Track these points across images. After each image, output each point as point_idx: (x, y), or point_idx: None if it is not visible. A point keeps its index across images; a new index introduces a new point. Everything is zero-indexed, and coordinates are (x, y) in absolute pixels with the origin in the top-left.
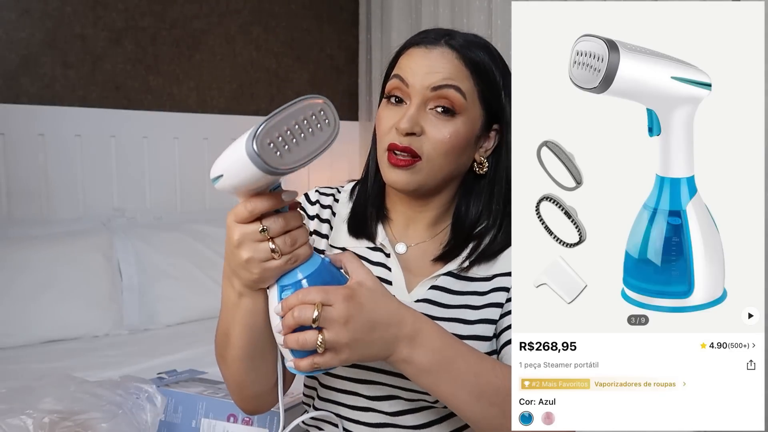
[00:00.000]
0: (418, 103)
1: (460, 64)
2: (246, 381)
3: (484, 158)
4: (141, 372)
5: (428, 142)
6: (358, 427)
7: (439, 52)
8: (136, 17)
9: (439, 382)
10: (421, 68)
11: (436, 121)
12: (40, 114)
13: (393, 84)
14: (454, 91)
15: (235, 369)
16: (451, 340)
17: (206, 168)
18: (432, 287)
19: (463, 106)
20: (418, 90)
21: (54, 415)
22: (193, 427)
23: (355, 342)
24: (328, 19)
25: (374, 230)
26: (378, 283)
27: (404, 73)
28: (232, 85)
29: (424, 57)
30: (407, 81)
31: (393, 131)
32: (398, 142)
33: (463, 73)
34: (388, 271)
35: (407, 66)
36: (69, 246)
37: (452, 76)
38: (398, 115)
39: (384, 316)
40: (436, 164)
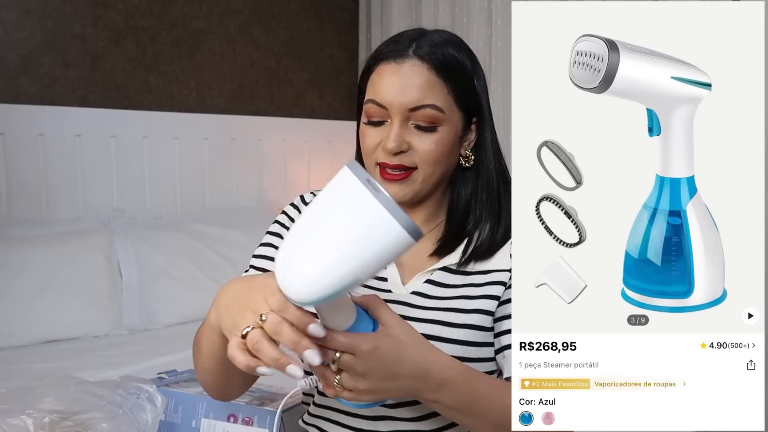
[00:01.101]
0: (399, 121)
1: (432, 75)
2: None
3: (469, 151)
4: (141, 372)
5: (417, 155)
6: (357, 420)
7: (409, 66)
8: (136, 17)
9: (462, 417)
10: (394, 87)
11: (420, 134)
12: (40, 114)
13: (370, 109)
14: (432, 110)
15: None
16: (478, 383)
17: (206, 168)
18: (427, 281)
19: (443, 119)
20: (397, 110)
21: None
22: (193, 427)
23: (374, 389)
24: (328, 19)
25: None
26: (407, 331)
27: (378, 95)
28: (232, 85)
29: (395, 74)
30: (383, 103)
31: (380, 150)
32: (388, 161)
33: (437, 84)
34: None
35: (380, 87)
36: (69, 246)
37: (427, 92)
38: (381, 134)
39: (408, 369)
40: (428, 172)
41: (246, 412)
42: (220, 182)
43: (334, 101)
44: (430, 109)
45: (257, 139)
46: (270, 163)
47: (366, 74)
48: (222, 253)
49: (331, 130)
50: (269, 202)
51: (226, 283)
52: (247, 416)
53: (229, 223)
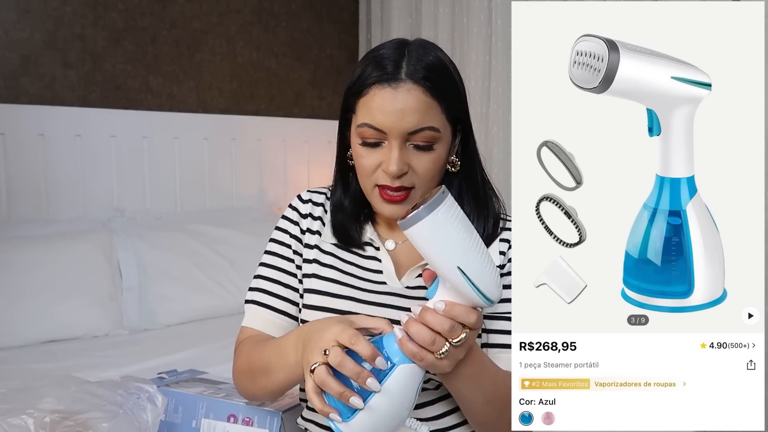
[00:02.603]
0: (398, 144)
1: (428, 98)
2: (265, 398)
3: (455, 157)
4: (141, 372)
5: (416, 175)
6: None
7: (405, 91)
8: (136, 17)
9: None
10: (392, 113)
11: (418, 154)
12: (40, 114)
13: (366, 132)
14: (430, 131)
15: (259, 392)
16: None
17: (206, 168)
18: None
19: (439, 137)
20: (396, 134)
21: (55, 414)
22: (194, 427)
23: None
24: (328, 19)
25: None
26: None
27: (376, 121)
28: (232, 85)
29: (393, 100)
30: (382, 128)
31: (380, 172)
32: (390, 183)
33: (433, 106)
34: (378, 262)
35: (376, 112)
36: (69, 246)
37: (425, 116)
38: (380, 156)
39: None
40: (426, 188)
41: (246, 413)
42: (220, 182)
43: (334, 101)
44: (429, 131)
45: (257, 139)
46: (270, 163)
47: (356, 95)
48: (222, 253)
49: (331, 130)
50: (269, 202)
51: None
52: (247, 416)
53: (229, 223)
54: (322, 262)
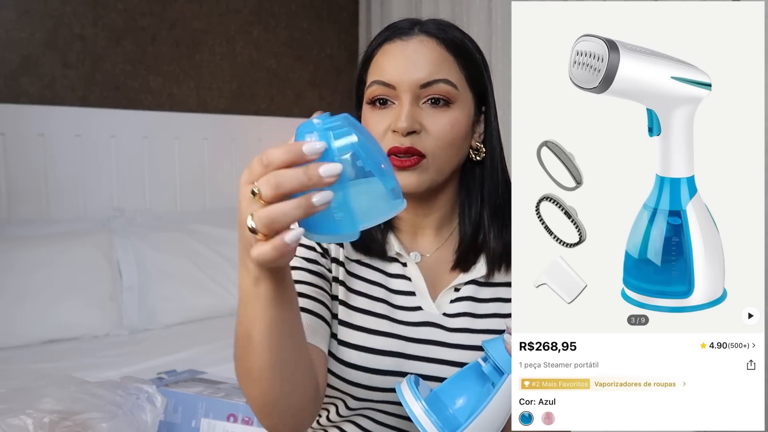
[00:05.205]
0: (410, 99)
1: (443, 49)
2: (278, 395)
3: (480, 144)
4: (141, 372)
5: (430, 138)
6: (389, 417)
7: (417, 41)
8: (136, 17)
9: None
10: (402, 65)
11: (433, 113)
12: (40, 114)
13: (374, 90)
14: (445, 85)
15: (263, 381)
16: None
17: (206, 168)
18: (458, 299)
19: (457, 95)
20: (407, 88)
21: (54, 415)
22: (193, 427)
23: None
24: (328, 19)
25: (384, 242)
26: None
27: (384, 75)
28: (232, 85)
29: (403, 51)
30: (391, 82)
31: (390, 134)
32: (400, 144)
33: (449, 60)
34: (407, 281)
35: (386, 66)
36: (69, 246)
37: (439, 67)
38: (390, 117)
39: None
40: (442, 159)
41: (246, 412)
42: (220, 182)
43: (334, 101)
44: (443, 84)
45: (257, 139)
46: None
47: (366, 62)
48: (222, 253)
49: None
50: None
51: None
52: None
53: (229, 223)
54: (350, 287)
